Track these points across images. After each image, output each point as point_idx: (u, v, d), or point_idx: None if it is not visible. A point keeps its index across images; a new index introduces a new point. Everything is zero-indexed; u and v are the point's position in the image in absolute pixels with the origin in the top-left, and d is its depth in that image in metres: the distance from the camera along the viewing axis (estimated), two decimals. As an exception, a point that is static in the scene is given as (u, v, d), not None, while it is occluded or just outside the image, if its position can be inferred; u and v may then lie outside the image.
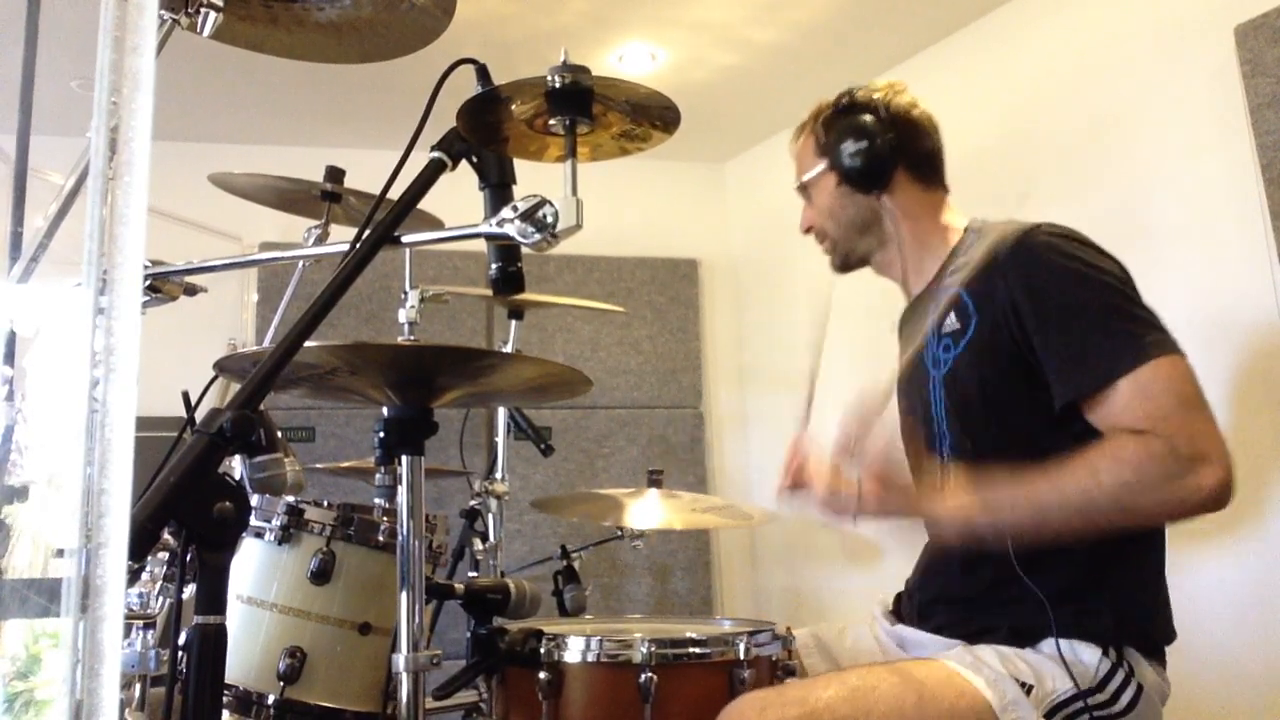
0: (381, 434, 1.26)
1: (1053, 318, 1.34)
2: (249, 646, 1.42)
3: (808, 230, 1.70)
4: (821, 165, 1.61)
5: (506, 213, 1.09)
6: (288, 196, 2.24)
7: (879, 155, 1.55)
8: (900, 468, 1.58)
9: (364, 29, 1.40)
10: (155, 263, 1.37)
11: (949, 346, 1.48)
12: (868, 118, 1.56)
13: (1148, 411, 1.25)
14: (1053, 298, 1.35)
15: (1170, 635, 1.41)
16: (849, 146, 1.56)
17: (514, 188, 1.25)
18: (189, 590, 0.89)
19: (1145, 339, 1.28)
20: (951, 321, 1.48)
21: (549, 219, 1.07)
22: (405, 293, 1.78)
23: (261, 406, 0.94)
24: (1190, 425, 1.24)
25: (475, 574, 2.36)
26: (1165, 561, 1.43)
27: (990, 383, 1.41)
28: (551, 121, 1.13)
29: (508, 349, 2.43)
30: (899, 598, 1.65)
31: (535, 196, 1.09)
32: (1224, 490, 1.22)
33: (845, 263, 1.68)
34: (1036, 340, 1.35)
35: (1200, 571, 2.14)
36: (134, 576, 1.47)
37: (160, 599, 1.47)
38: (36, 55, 1.25)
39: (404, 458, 1.24)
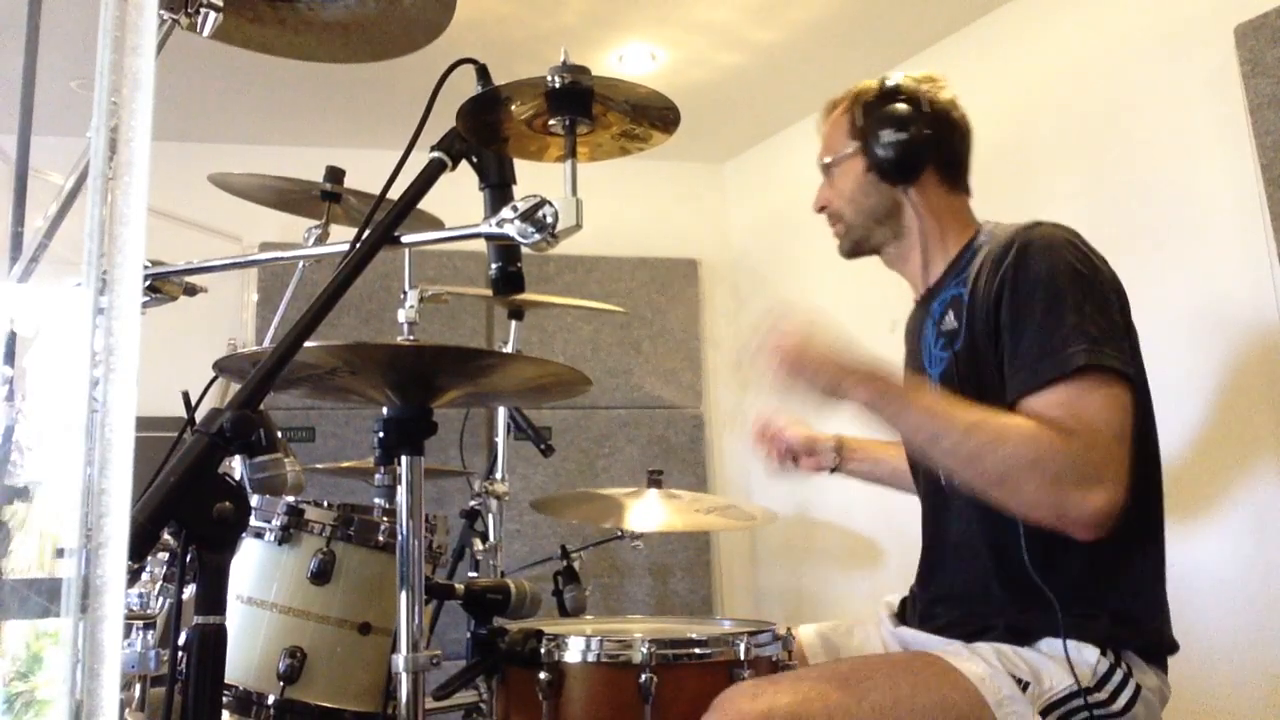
0: (381, 434, 1.26)
1: (1020, 312, 1.34)
2: (249, 646, 1.42)
3: (821, 209, 1.67)
4: (852, 148, 1.59)
5: (506, 213, 1.09)
6: (288, 196, 2.24)
7: (914, 149, 1.52)
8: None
9: (369, 27, 1.40)
10: (155, 263, 1.37)
11: (945, 346, 1.48)
12: (909, 109, 1.53)
13: (1075, 414, 1.25)
14: (1025, 293, 1.35)
15: (1171, 645, 1.40)
16: (886, 135, 1.52)
17: (514, 188, 1.25)
18: (189, 590, 0.89)
19: (1103, 352, 1.28)
20: (949, 321, 1.48)
21: (549, 219, 1.07)
22: (405, 293, 1.78)
23: (261, 406, 0.94)
24: (1106, 448, 1.24)
25: (475, 574, 2.36)
26: (1165, 571, 1.42)
27: (983, 381, 1.41)
28: (551, 121, 1.13)
29: (508, 349, 2.43)
30: (904, 602, 1.64)
31: (535, 196, 1.08)
32: (1105, 518, 1.23)
33: (855, 249, 1.66)
34: (1006, 332, 1.35)
35: (1199, 572, 2.14)
36: (134, 576, 1.47)
37: (160, 599, 1.47)
38: (36, 55, 1.25)
39: (404, 458, 1.24)
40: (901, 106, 1.53)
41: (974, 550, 1.45)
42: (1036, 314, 1.33)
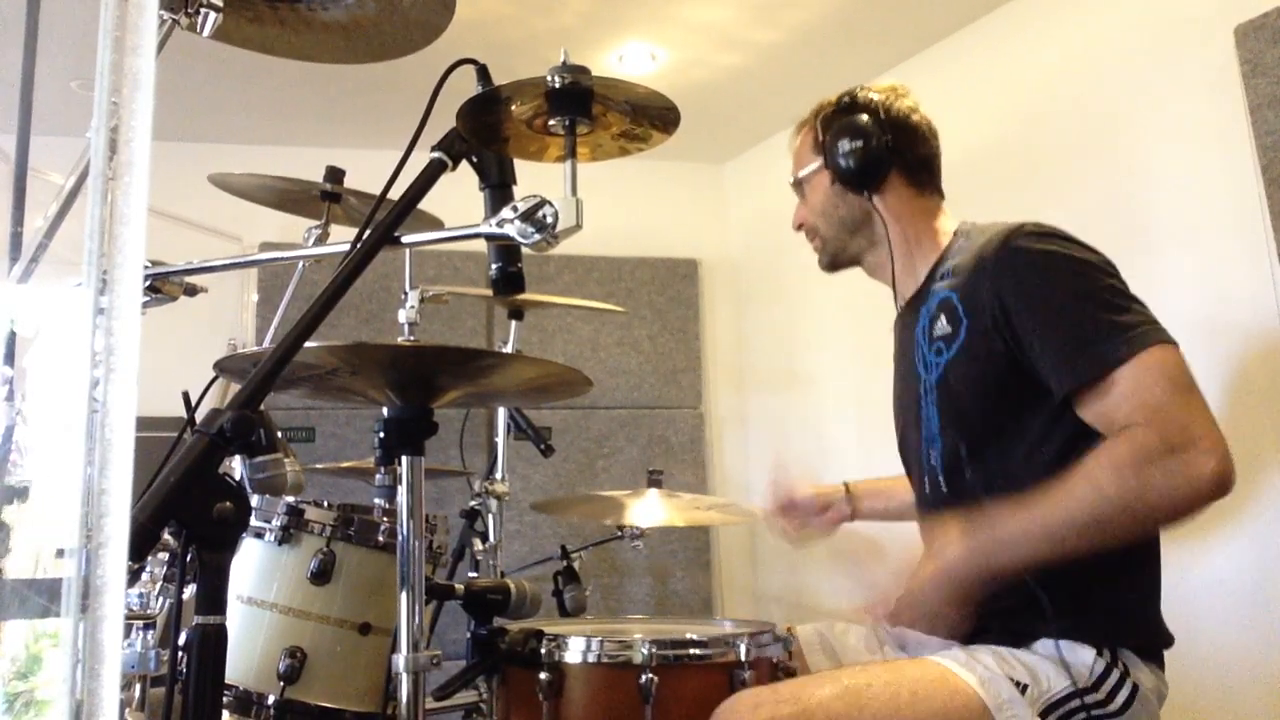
0: (381, 434, 1.26)
1: (1043, 315, 1.35)
2: (249, 647, 1.42)
3: (799, 227, 1.71)
4: (817, 163, 1.63)
5: (506, 213, 1.09)
6: (288, 196, 2.24)
7: (873, 156, 1.55)
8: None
9: (369, 28, 1.40)
10: (155, 263, 1.37)
11: (940, 350, 1.48)
12: (865, 119, 1.57)
13: (1141, 402, 1.25)
14: (1041, 296, 1.35)
15: (1166, 640, 1.40)
16: (844, 146, 1.56)
17: (514, 188, 1.25)
18: (189, 590, 0.89)
19: (1137, 329, 1.28)
20: (942, 325, 1.48)
21: (549, 219, 1.07)
22: (405, 293, 1.78)
23: (261, 406, 0.94)
24: (1181, 414, 1.24)
25: (475, 574, 2.36)
26: (1159, 567, 1.42)
27: (983, 386, 1.41)
28: (551, 122, 1.13)
29: (508, 349, 2.43)
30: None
31: (535, 197, 1.09)
32: (1223, 472, 1.21)
33: (834, 262, 1.69)
34: (1028, 340, 1.35)
35: (1198, 570, 2.14)
36: (134, 576, 1.47)
37: (160, 599, 1.47)
38: (36, 55, 1.25)
39: (404, 458, 1.24)
40: (858, 117, 1.57)
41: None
42: (1059, 314, 1.34)
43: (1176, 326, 1.32)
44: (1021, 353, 1.36)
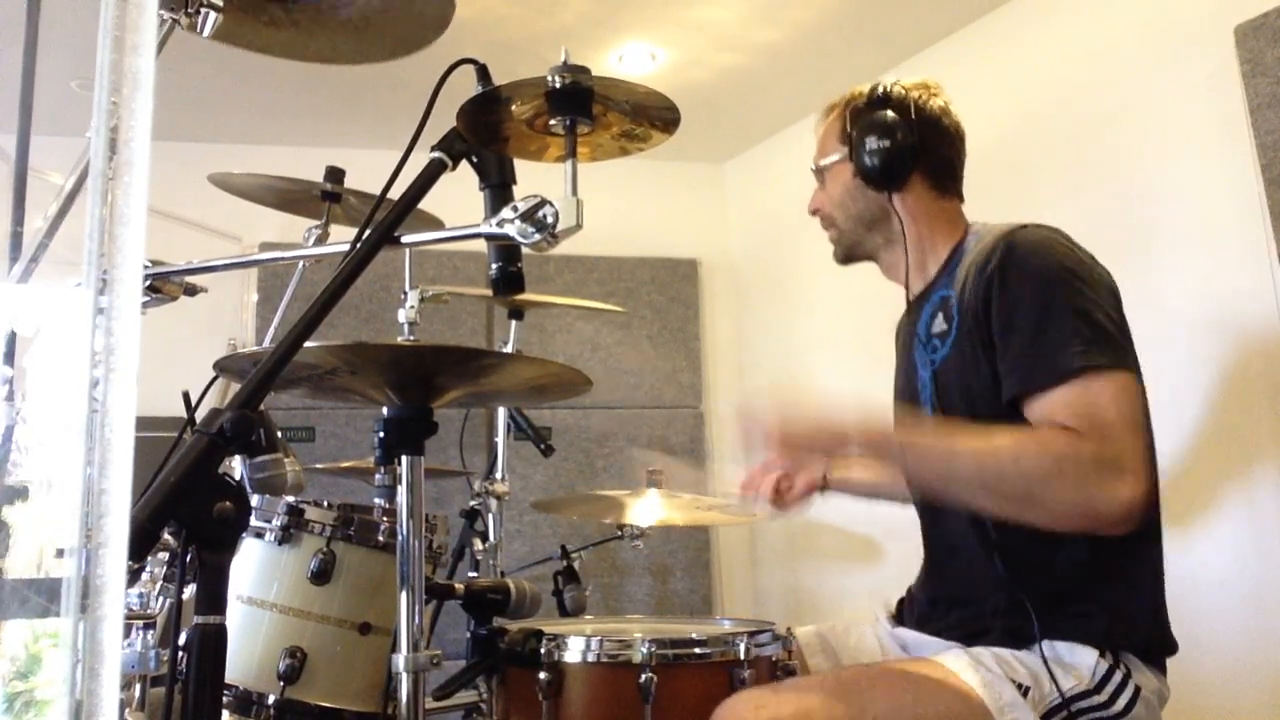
0: (381, 434, 1.26)
1: (1009, 316, 1.34)
2: (249, 646, 1.42)
3: (814, 212, 1.68)
4: (840, 154, 1.60)
5: (506, 213, 1.09)
6: (288, 196, 2.24)
7: (898, 155, 1.52)
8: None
9: (382, 25, 1.40)
10: (155, 263, 1.37)
11: (936, 348, 1.48)
12: (895, 116, 1.53)
13: (1086, 414, 1.24)
14: (1013, 296, 1.35)
15: (1170, 646, 1.40)
16: (870, 142, 1.53)
17: (514, 188, 1.25)
18: (189, 590, 0.89)
19: (1097, 346, 1.27)
20: (940, 323, 1.48)
21: (549, 219, 1.07)
22: (405, 293, 1.78)
23: (261, 406, 0.94)
24: (1122, 438, 1.23)
25: (475, 574, 2.36)
26: (1163, 571, 1.42)
27: (972, 382, 1.41)
28: (552, 122, 1.13)
29: (508, 349, 2.43)
30: (902, 601, 1.65)
31: (535, 197, 1.08)
32: (1135, 509, 1.20)
33: (848, 255, 1.67)
34: (996, 333, 1.35)
35: (1198, 572, 2.14)
36: (134, 576, 1.47)
37: (160, 599, 1.47)
38: (36, 55, 1.25)
39: (404, 458, 1.24)
40: (888, 114, 1.54)
41: (968, 554, 1.45)
42: (1029, 316, 1.32)
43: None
44: (991, 350, 1.35)
